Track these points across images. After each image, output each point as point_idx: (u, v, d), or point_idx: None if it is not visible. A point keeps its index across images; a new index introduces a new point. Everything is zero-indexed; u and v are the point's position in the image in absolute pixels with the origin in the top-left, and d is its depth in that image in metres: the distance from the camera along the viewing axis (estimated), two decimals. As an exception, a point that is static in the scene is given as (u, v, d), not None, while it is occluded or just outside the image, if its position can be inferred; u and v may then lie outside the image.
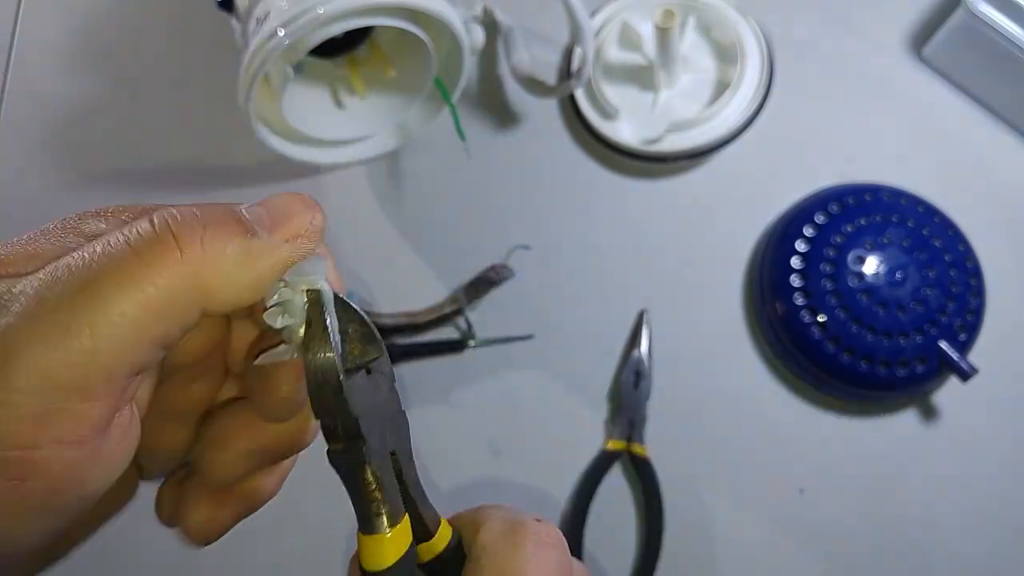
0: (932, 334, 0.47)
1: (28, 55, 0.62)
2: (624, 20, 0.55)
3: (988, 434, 0.49)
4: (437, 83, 0.53)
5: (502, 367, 0.52)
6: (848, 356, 0.48)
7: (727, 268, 0.53)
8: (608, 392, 0.51)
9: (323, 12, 0.43)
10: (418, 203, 0.56)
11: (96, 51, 0.61)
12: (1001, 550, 0.48)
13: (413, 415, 0.26)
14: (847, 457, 0.49)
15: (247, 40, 0.47)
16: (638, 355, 0.51)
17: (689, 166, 0.55)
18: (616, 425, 0.50)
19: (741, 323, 0.52)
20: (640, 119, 0.54)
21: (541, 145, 0.56)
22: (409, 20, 0.47)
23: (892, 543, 0.48)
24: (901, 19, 0.57)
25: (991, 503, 0.48)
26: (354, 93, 0.55)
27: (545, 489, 0.50)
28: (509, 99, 0.58)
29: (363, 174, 0.57)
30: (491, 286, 0.53)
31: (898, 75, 0.56)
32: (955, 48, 0.54)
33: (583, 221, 0.55)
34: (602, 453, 0.50)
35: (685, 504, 0.49)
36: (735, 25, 0.54)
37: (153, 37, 0.61)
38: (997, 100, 0.54)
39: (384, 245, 0.55)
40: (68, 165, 0.58)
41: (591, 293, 0.53)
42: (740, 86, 0.53)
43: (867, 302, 0.48)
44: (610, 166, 0.55)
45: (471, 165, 0.56)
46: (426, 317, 0.52)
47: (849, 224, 0.49)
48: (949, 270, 0.48)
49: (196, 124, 0.58)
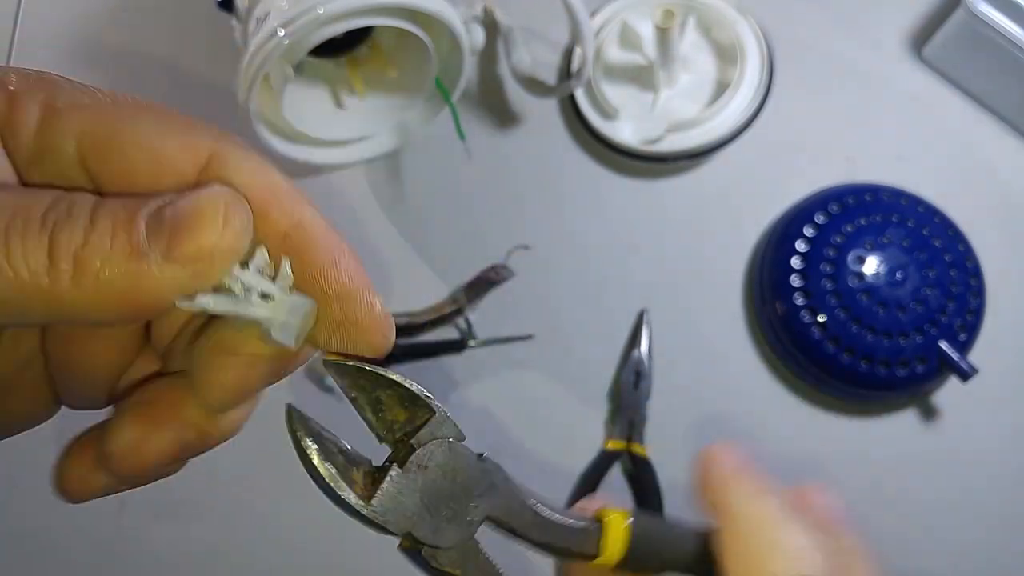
0: (932, 334, 0.47)
1: (28, 55, 0.62)
2: (624, 20, 0.55)
3: (988, 434, 0.49)
4: (437, 83, 0.53)
5: (502, 367, 0.52)
6: (848, 356, 0.48)
7: (727, 268, 0.53)
8: (608, 392, 0.51)
9: (323, 12, 0.43)
10: (418, 203, 0.56)
11: (96, 51, 0.61)
12: (1001, 550, 0.48)
13: None
14: (847, 457, 0.49)
15: (247, 40, 0.47)
16: (638, 355, 0.51)
17: (689, 166, 0.55)
18: (616, 425, 0.50)
19: (741, 323, 0.52)
20: (640, 119, 0.54)
21: (541, 145, 0.56)
22: (409, 20, 0.47)
23: (892, 543, 0.48)
24: (901, 19, 0.57)
25: (991, 503, 0.48)
26: (354, 93, 0.55)
27: (545, 489, 0.50)
28: (509, 99, 0.57)
29: (363, 174, 0.57)
30: (491, 286, 0.53)
31: (898, 75, 0.56)
32: (955, 48, 0.54)
33: (583, 221, 0.55)
34: (602, 453, 0.50)
35: (685, 504, 0.49)
36: (735, 25, 0.54)
37: (153, 37, 0.61)
38: (997, 100, 0.54)
39: (384, 245, 0.55)
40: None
41: (590, 293, 0.53)
42: (740, 86, 0.53)
43: (867, 302, 0.48)
44: (610, 166, 0.55)
45: (471, 165, 0.56)
46: (426, 317, 0.52)
47: (849, 224, 0.49)
48: (949, 270, 0.48)
49: (196, 124, 0.58)
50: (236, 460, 0.52)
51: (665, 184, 0.55)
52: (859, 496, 0.49)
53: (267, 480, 0.51)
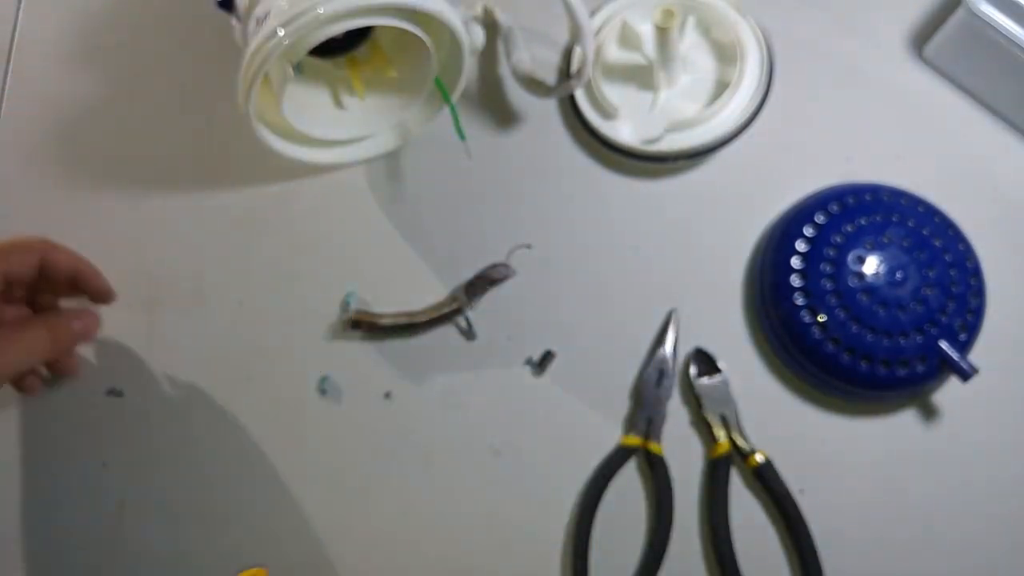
0: (932, 334, 0.47)
1: (28, 55, 0.62)
2: (624, 20, 0.56)
3: (988, 434, 0.49)
4: (437, 83, 0.53)
5: (516, 363, 0.52)
6: (848, 356, 0.48)
7: (727, 268, 0.53)
8: (630, 390, 0.51)
9: (323, 12, 0.43)
10: (418, 203, 0.56)
11: (96, 51, 0.61)
12: (1001, 550, 0.48)
13: (423, 406, 0.25)
14: (847, 457, 0.49)
15: (247, 40, 0.47)
16: (663, 354, 0.51)
17: (689, 166, 0.55)
18: (634, 422, 0.50)
19: (741, 323, 0.52)
20: (640, 119, 0.54)
21: (541, 145, 0.56)
22: (409, 20, 0.47)
23: (892, 543, 0.48)
24: (901, 19, 0.57)
25: (991, 503, 0.48)
26: (354, 93, 0.55)
27: (559, 481, 0.50)
28: (509, 99, 0.58)
29: (363, 174, 0.57)
30: (491, 285, 0.53)
31: (898, 75, 0.56)
32: (956, 48, 0.54)
33: (582, 221, 0.55)
34: (618, 448, 0.50)
35: (695, 503, 0.49)
36: (735, 25, 0.54)
37: (153, 37, 0.61)
38: (997, 100, 0.54)
39: (384, 245, 0.55)
40: (68, 165, 0.58)
41: (590, 292, 0.53)
42: (740, 86, 0.53)
43: (867, 302, 0.48)
44: (610, 166, 0.55)
45: (471, 165, 0.56)
46: (426, 317, 0.52)
47: (849, 224, 0.49)
48: (949, 270, 0.48)
49: (196, 124, 0.58)
50: (235, 460, 0.52)
51: (665, 184, 0.55)
52: (859, 496, 0.49)
53: (267, 480, 0.51)
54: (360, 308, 0.53)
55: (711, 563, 0.48)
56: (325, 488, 0.51)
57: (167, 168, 0.58)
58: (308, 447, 0.51)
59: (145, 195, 0.57)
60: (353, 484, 0.51)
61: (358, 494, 0.51)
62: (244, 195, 0.57)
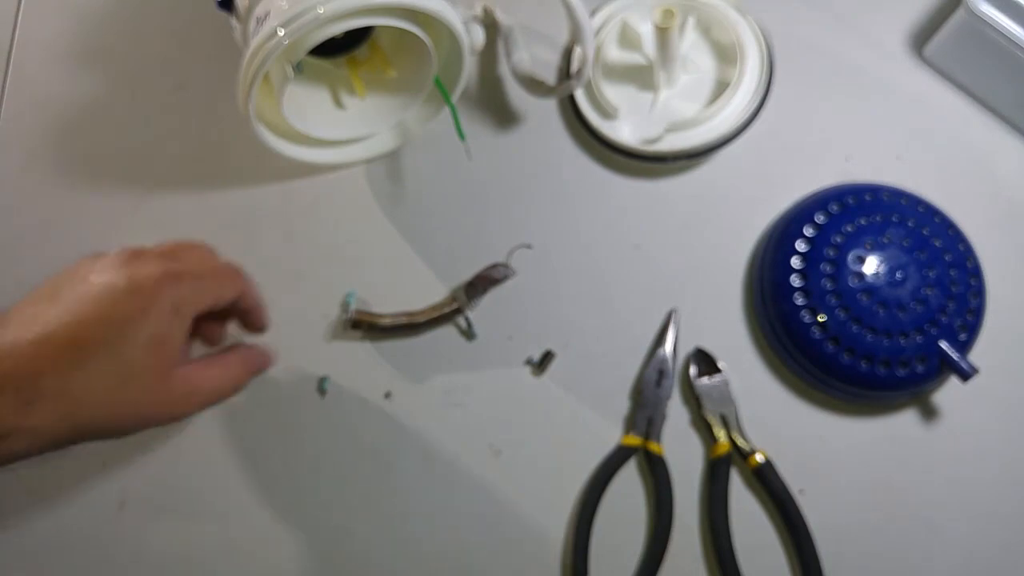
0: (932, 334, 0.47)
1: (28, 55, 0.62)
2: (624, 20, 0.56)
3: (988, 434, 0.49)
4: (437, 83, 0.53)
5: (516, 363, 0.52)
6: (848, 356, 0.48)
7: (727, 268, 0.53)
8: (630, 390, 0.51)
9: (323, 12, 0.43)
10: (418, 203, 0.56)
11: (96, 51, 0.61)
12: (1001, 550, 0.48)
13: (423, 406, 0.25)
14: (847, 457, 0.49)
15: (247, 40, 0.47)
16: (663, 354, 0.51)
17: (689, 166, 0.55)
18: (634, 421, 0.50)
19: (741, 323, 0.52)
20: (640, 119, 0.54)
21: (541, 145, 0.56)
22: (409, 20, 0.48)
23: (892, 543, 0.48)
24: (901, 19, 0.57)
25: (991, 503, 0.48)
26: (354, 93, 0.55)
27: (559, 480, 0.50)
28: (509, 99, 0.58)
29: (363, 174, 0.57)
30: (491, 284, 0.53)
31: (898, 75, 0.56)
32: (956, 48, 0.54)
33: (582, 221, 0.55)
34: (618, 448, 0.50)
35: (694, 503, 0.49)
36: (735, 25, 0.54)
37: (153, 37, 0.61)
38: (997, 100, 0.54)
39: (384, 245, 0.55)
40: (68, 165, 0.58)
41: (590, 292, 0.53)
42: (740, 86, 0.53)
43: (867, 302, 0.48)
44: (610, 166, 0.56)
45: (471, 165, 0.56)
46: (426, 317, 0.52)
47: (849, 224, 0.49)
48: (949, 270, 0.48)
49: (196, 124, 0.58)
50: (235, 460, 0.52)
51: (665, 184, 0.55)
52: (859, 496, 0.49)
53: (267, 480, 0.51)
54: (360, 308, 0.53)
55: (711, 563, 0.48)
56: (325, 488, 0.51)
57: (167, 168, 0.58)
58: (308, 447, 0.51)
59: (145, 195, 0.57)
60: (353, 484, 0.51)
61: (358, 494, 0.51)
62: (244, 195, 0.57)
